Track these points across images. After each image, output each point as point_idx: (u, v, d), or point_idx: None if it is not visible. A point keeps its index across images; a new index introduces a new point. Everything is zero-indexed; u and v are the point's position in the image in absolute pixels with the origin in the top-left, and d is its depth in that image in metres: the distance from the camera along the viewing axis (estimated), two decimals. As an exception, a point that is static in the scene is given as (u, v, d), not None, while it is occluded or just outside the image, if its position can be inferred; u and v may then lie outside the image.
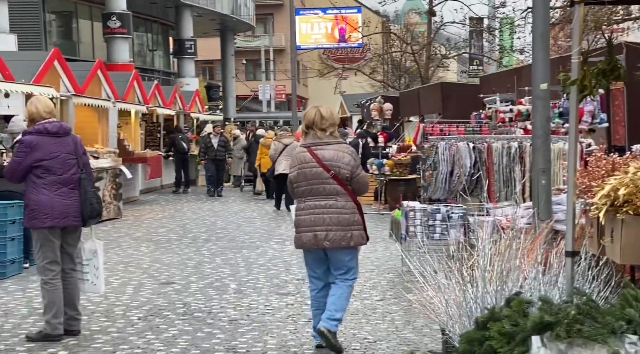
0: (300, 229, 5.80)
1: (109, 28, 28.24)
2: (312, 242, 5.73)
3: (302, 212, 5.81)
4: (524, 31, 27.46)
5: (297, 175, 5.83)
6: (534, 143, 6.79)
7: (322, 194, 5.74)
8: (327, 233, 5.68)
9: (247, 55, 53.83)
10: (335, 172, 5.72)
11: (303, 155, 5.82)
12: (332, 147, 5.78)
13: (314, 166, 5.74)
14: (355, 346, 5.99)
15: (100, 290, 6.72)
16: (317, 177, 5.74)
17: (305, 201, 5.80)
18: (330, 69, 37.23)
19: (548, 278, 4.39)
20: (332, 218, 5.69)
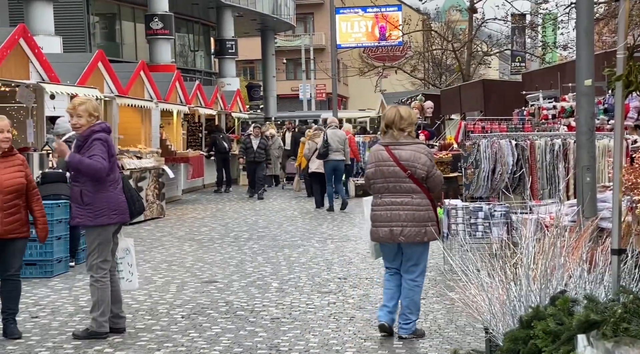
0: (377, 224, 6.12)
1: (151, 29, 28.57)
2: (388, 236, 6.05)
3: (378, 208, 6.12)
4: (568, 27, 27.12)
5: (375, 172, 6.13)
6: (578, 140, 6.70)
7: (398, 192, 6.04)
8: (402, 229, 5.98)
9: (287, 54, 54.02)
10: (411, 172, 6.00)
11: (381, 153, 6.12)
12: (409, 147, 6.06)
13: (392, 165, 6.04)
14: (397, 344, 5.98)
15: (135, 286, 6.83)
16: (394, 175, 6.03)
17: (382, 198, 6.11)
18: (371, 68, 37.15)
19: (593, 277, 4.33)
20: (407, 215, 5.99)
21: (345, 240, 11.64)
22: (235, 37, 35.89)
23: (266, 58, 42.34)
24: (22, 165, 6.35)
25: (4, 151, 6.24)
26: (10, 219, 6.18)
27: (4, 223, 6.15)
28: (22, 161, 6.37)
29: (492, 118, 14.53)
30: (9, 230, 6.19)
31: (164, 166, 15.52)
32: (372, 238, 6.24)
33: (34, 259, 8.71)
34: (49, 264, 8.78)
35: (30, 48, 12.64)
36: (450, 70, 36.74)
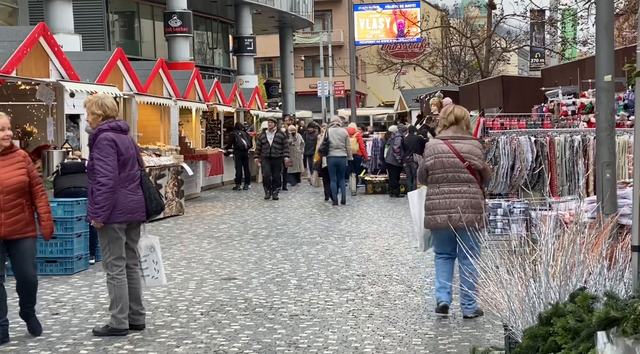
0: (435, 211, 6.57)
1: (170, 27, 28.69)
2: (446, 223, 6.48)
3: (437, 196, 6.59)
4: (587, 22, 26.90)
5: (434, 163, 6.61)
6: (598, 136, 6.66)
7: (457, 181, 6.55)
8: (461, 215, 6.40)
9: (305, 51, 54.02)
10: (469, 163, 6.55)
11: (441, 146, 6.62)
12: (467, 142, 6.64)
13: (452, 156, 6.56)
14: (416, 341, 5.98)
15: (163, 282, 6.83)
16: (453, 165, 6.55)
17: (440, 187, 6.59)
18: (389, 64, 37.09)
19: (613, 273, 4.30)
20: (465, 202, 6.50)
21: (363, 237, 11.64)
22: (253, 35, 35.96)
23: (284, 55, 42.39)
24: (24, 161, 6.17)
25: (4, 148, 6.08)
26: (12, 219, 6.02)
27: (6, 224, 5.99)
28: (23, 157, 6.19)
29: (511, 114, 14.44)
30: (13, 231, 6.02)
31: (183, 163, 15.59)
32: (428, 225, 6.64)
33: (54, 256, 8.79)
34: (69, 261, 8.85)
35: (50, 46, 12.73)
36: (469, 66, 36.59)
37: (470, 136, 6.80)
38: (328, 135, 16.35)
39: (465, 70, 37.18)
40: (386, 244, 10.84)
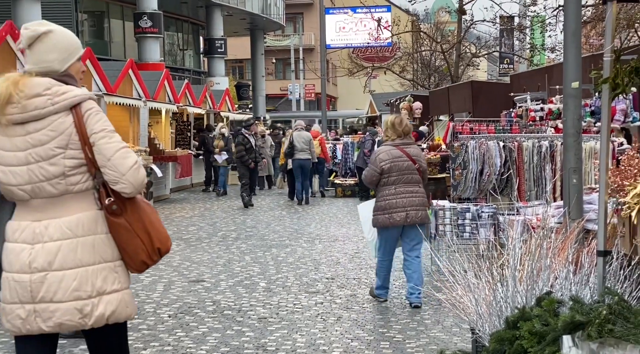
0: (392, 210, 7.17)
1: (140, 27, 28.49)
2: (404, 220, 7.15)
3: (393, 197, 7.20)
4: (555, 29, 27.23)
5: (391, 167, 7.24)
6: (565, 142, 6.73)
7: (410, 182, 7.26)
8: (416, 213, 7.18)
9: (276, 54, 54.00)
10: (419, 165, 7.32)
11: (394, 151, 7.30)
12: (413, 147, 7.46)
13: (406, 160, 7.26)
14: (384, 344, 5.99)
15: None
16: (408, 168, 7.26)
17: (397, 188, 7.23)
18: (360, 68, 37.19)
19: (579, 278, 4.35)
20: (418, 201, 7.24)
21: (333, 240, 11.65)
22: (224, 36, 35.84)
23: (255, 57, 42.31)
24: None
25: None
26: None
27: None
28: None
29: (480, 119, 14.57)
30: None
31: (152, 165, 15.49)
32: (384, 224, 7.21)
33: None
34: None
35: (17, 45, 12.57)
36: (439, 71, 36.80)
37: (413, 142, 7.64)
38: (293, 138, 17.17)
39: (436, 75, 37.37)
40: (355, 247, 10.85)
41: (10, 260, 3.20)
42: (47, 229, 3.18)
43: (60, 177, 3.17)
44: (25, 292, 3.16)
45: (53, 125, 3.16)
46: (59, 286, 3.15)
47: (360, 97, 44.93)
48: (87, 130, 3.17)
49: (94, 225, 3.22)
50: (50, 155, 3.16)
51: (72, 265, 3.17)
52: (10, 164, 3.19)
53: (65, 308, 3.16)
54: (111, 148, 3.19)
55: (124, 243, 3.25)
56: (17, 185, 3.19)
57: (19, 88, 3.17)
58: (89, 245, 3.20)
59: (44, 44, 3.24)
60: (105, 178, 3.22)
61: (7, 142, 3.19)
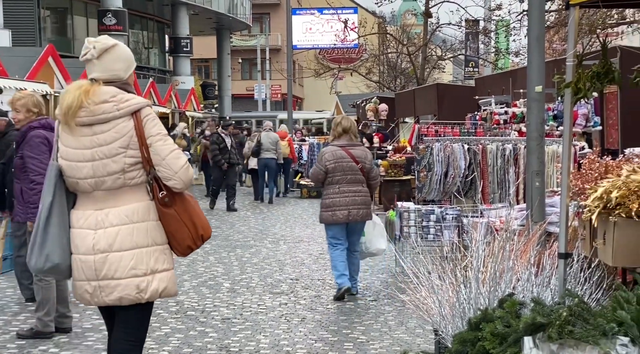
0: (335, 208, 7.55)
1: (104, 25, 28.19)
2: (346, 218, 7.55)
3: (337, 196, 7.57)
4: (520, 34, 27.49)
5: (335, 167, 7.59)
6: (528, 146, 6.80)
7: (353, 182, 7.60)
8: (358, 211, 7.56)
9: (243, 54, 53.82)
10: (362, 166, 7.62)
11: (339, 152, 7.62)
12: (358, 148, 7.77)
13: (349, 161, 7.59)
14: (348, 346, 6.00)
15: None
16: (351, 169, 7.60)
17: (340, 187, 7.58)
18: (326, 69, 37.24)
19: (540, 280, 4.40)
20: (361, 200, 7.59)
21: (297, 241, 11.64)
22: (190, 35, 35.64)
23: (221, 57, 42.14)
24: None
25: None
26: None
27: None
28: None
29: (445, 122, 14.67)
30: None
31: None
32: (328, 221, 7.61)
33: (-21, 257, 8.52)
34: (-5, 262, 8.59)
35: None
36: (405, 73, 36.99)
37: (360, 143, 8.04)
38: (261, 138, 17.61)
39: (402, 77, 37.57)
40: (320, 248, 10.85)
41: (76, 243, 3.72)
42: (108, 216, 3.69)
43: (120, 173, 3.68)
44: (90, 271, 3.69)
45: (117, 128, 3.67)
46: (119, 265, 3.67)
47: (326, 98, 44.97)
48: (145, 133, 3.68)
49: (147, 213, 3.73)
50: (114, 153, 3.67)
51: (129, 247, 3.68)
52: (77, 160, 3.70)
53: (125, 284, 3.67)
54: (166, 150, 3.71)
55: (173, 230, 3.77)
56: (82, 179, 3.71)
57: (89, 97, 3.70)
58: (143, 229, 3.71)
59: (111, 55, 3.82)
60: (159, 175, 3.72)
61: (74, 140, 3.71)
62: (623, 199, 4.38)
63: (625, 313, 3.60)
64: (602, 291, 4.39)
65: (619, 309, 3.65)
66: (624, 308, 3.66)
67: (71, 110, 3.69)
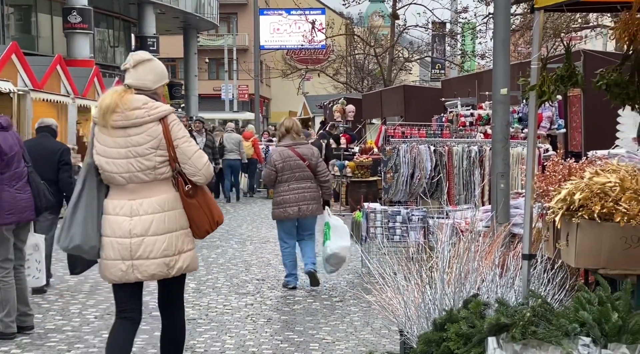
0: (286, 205, 7.96)
1: (69, 23, 27.86)
2: (297, 214, 7.98)
3: (287, 193, 7.98)
4: (485, 37, 27.76)
5: (284, 166, 8.00)
6: (493, 148, 6.87)
7: (302, 179, 8.00)
8: (308, 206, 7.98)
9: (210, 54, 53.56)
10: (309, 162, 8.02)
11: (286, 152, 8.04)
12: (303, 146, 8.18)
13: (296, 159, 8.00)
14: (313, 346, 6.00)
15: (42, 283, 6.69)
16: (299, 166, 8.00)
17: (290, 185, 7.99)
18: (294, 70, 37.22)
19: (505, 281, 4.45)
20: (310, 196, 8.01)
21: (264, 242, 11.62)
22: (156, 34, 35.36)
23: (188, 57, 41.88)
24: None
25: None
26: None
27: None
28: None
29: (412, 123, 14.75)
30: None
31: (80, 163, 15.15)
32: (280, 217, 8.03)
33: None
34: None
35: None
36: (372, 74, 37.11)
37: (305, 141, 8.44)
38: (223, 139, 18.07)
39: (369, 78, 37.67)
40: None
41: (113, 228, 4.31)
42: (142, 206, 4.30)
43: (151, 169, 4.31)
44: (126, 251, 4.30)
45: (149, 131, 4.29)
46: (153, 247, 4.29)
47: (293, 99, 44.96)
48: (172, 136, 4.31)
49: (175, 202, 4.36)
50: (146, 153, 4.28)
51: (162, 232, 4.31)
52: (113, 157, 4.29)
53: (157, 263, 4.32)
54: (191, 150, 4.36)
55: (194, 217, 4.40)
56: (118, 173, 4.30)
57: (122, 102, 4.28)
58: (173, 217, 4.34)
59: (145, 67, 4.40)
60: (185, 171, 4.34)
61: (111, 140, 4.30)
62: (586, 201, 4.43)
63: (587, 314, 3.65)
64: (564, 292, 4.45)
65: (581, 310, 3.70)
66: (586, 308, 3.71)
67: (109, 110, 4.27)
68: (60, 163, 7.60)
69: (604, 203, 4.37)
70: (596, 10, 9.35)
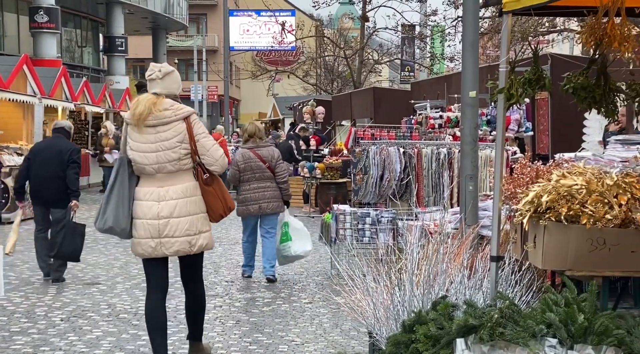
0: (248, 203, 8.57)
1: (36, 22, 27.52)
2: (258, 211, 8.56)
3: (248, 192, 8.58)
4: (454, 39, 27.94)
5: (245, 167, 8.59)
6: (462, 150, 6.91)
7: (262, 179, 8.56)
8: (268, 204, 8.55)
9: (179, 54, 53.22)
10: (269, 164, 8.57)
11: (248, 153, 8.64)
12: (265, 148, 8.72)
13: (257, 161, 8.57)
14: (282, 348, 5.99)
15: (1, 293, 6.55)
16: (259, 168, 8.57)
17: (250, 185, 8.58)
18: (264, 71, 37.15)
19: (473, 282, 4.47)
20: (270, 194, 8.56)
21: (233, 243, 11.57)
22: (125, 35, 35.07)
23: (157, 57, 41.57)
24: None
25: None
26: None
27: None
28: None
29: (381, 125, 14.81)
30: None
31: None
32: (243, 214, 8.62)
33: None
34: None
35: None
36: (342, 76, 37.16)
37: (268, 144, 9.00)
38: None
39: (338, 80, 37.73)
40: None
41: (144, 211, 5.11)
42: (168, 192, 5.10)
43: (177, 160, 5.11)
44: (155, 231, 5.09)
45: (175, 128, 5.11)
46: (177, 227, 5.08)
47: (263, 100, 44.86)
48: (193, 132, 5.12)
49: (195, 189, 5.16)
50: (173, 146, 5.09)
51: (185, 214, 5.11)
52: (144, 151, 5.10)
53: (181, 241, 5.11)
54: (209, 144, 5.18)
55: (211, 202, 5.18)
56: (149, 164, 5.11)
57: (155, 106, 5.10)
58: (193, 201, 5.14)
59: (170, 77, 5.26)
60: (204, 161, 5.14)
61: (142, 137, 5.11)
62: (553, 203, 4.48)
63: (553, 315, 3.69)
64: (532, 293, 4.48)
65: (548, 312, 3.74)
66: (553, 310, 3.75)
67: (142, 115, 5.08)
68: (69, 162, 8.35)
69: (571, 206, 4.42)
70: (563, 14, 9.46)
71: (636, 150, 5.19)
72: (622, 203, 4.39)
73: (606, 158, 5.27)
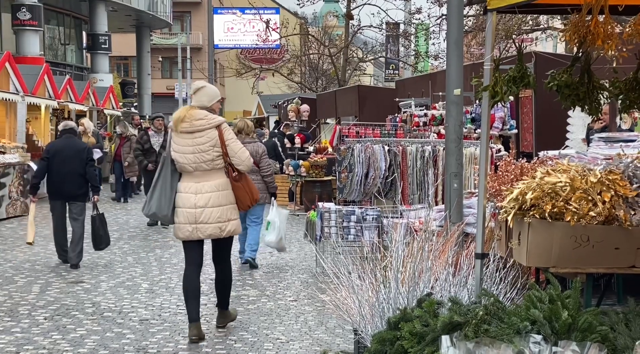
0: None
1: (18, 19, 27.33)
2: None
3: None
4: (439, 38, 28.01)
5: None
6: (447, 148, 6.92)
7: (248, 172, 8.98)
8: None
9: (163, 52, 53.04)
10: (254, 159, 8.39)
11: None
12: (251, 144, 9.06)
13: None
14: (268, 346, 5.98)
15: None
16: None
17: None
18: (248, 69, 37.09)
19: (458, 280, 4.49)
20: (258, 187, 8.49)
21: (217, 242, 11.54)
22: (108, 32, 34.89)
23: (141, 55, 41.42)
24: None
25: None
26: None
27: None
28: None
29: (366, 123, 14.82)
30: None
31: (30, 162, 14.89)
32: None
33: None
34: None
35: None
36: (327, 74, 37.16)
37: (254, 140, 9.53)
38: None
39: (323, 78, 37.73)
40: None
41: (184, 201, 6.09)
42: (204, 187, 6.09)
43: (210, 161, 6.10)
44: (192, 218, 6.08)
45: (208, 135, 6.08)
46: (210, 215, 6.08)
47: (248, 98, 44.77)
48: (224, 138, 6.10)
49: (226, 185, 6.16)
50: (207, 149, 6.07)
51: (217, 205, 6.10)
52: (184, 152, 6.08)
53: (213, 226, 6.10)
54: (237, 148, 6.15)
55: (240, 195, 6.20)
56: (188, 164, 6.09)
57: (189, 115, 6.11)
58: (224, 195, 6.14)
59: (200, 92, 6.25)
60: (233, 162, 6.12)
61: (182, 141, 6.09)
62: (537, 200, 4.50)
63: (538, 312, 3.70)
64: (516, 290, 4.50)
65: (532, 308, 3.75)
66: (537, 306, 3.77)
67: (179, 120, 6.09)
68: (88, 159, 9.21)
69: (555, 203, 4.44)
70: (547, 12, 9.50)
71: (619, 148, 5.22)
72: (606, 200, 4.42)
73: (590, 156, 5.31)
